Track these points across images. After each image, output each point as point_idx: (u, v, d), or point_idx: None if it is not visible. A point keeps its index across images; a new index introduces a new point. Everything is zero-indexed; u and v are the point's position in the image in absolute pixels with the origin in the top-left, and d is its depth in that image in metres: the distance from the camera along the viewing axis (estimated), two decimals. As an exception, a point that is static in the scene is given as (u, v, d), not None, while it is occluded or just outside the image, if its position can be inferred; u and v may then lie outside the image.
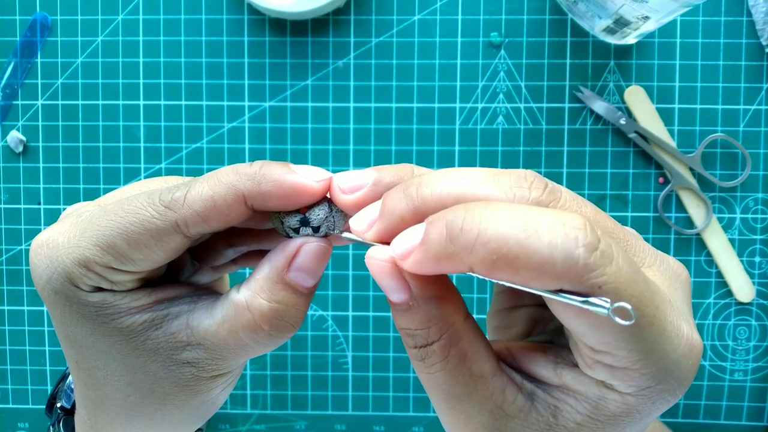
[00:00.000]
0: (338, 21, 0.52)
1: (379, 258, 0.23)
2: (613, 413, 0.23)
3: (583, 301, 0.19)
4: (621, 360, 0.21)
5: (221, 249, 0.31)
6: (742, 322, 0.52)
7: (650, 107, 0.51)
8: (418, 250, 0.22)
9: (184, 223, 0.24)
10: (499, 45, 0.51)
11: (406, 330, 0.24)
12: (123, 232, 0.24)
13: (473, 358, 0.24)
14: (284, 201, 0.25)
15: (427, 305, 0.23)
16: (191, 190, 0.24)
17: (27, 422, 0.55)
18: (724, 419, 0.52)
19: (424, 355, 0.24)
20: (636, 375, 0.22)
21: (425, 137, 0.52)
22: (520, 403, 0.24)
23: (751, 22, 0.50)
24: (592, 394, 0.23)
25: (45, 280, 0.25)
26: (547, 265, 0.19)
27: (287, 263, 0.25)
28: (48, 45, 0.52)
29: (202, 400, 0.27)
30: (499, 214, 0.20)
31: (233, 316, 0.25)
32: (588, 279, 0.19)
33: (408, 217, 0.23)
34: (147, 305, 0.26)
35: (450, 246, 0.20)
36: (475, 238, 0.20)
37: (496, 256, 0.20)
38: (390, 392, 0.54)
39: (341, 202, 0.25)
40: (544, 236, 0.19)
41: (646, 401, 0.23)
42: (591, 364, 0.22)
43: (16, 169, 0.53)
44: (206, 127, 0.52)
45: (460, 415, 0.24)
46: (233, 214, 0.25)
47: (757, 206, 0.51)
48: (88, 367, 0.27)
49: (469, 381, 0.23)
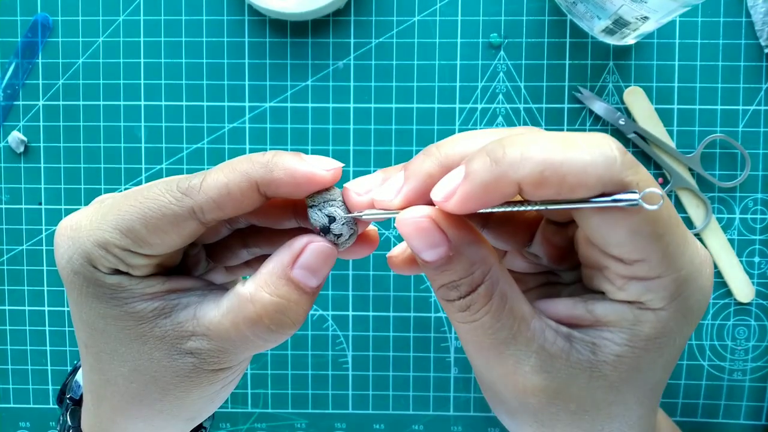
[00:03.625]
0: (338, 22, 0.52)
1: (414, 216, 0.24)
2: (650, 336, 0.24)
3: (614, 200, 0.22)
4: (654, 267, 0.23)
5: (236, 249, 0.32)
6: (742, 322, 0.52)
7: (649, 108, 0.51)
8: (464, 184, 0.22)
9: (200, 210, 0.25)
10: (498, 46, 0.51)
11: (449, 284, 0.25)
12: (142, 216, 0.25)
13: (513, 299, 0.25)
14: (295, 188, 0.26)
15: (468, 250, 0.24)
16: (207, 177, 0.26)
17: (28, 422, 0.55)
18: (722, 418, 0.53)
19: (470, 303, 0.24)
20: (668, 282, 0.23)
21: (425, 138, 0.52)
22: (560, 344, 0.25)
23: (750, 23, 0.50)
24: (626, 320, 0.24)
25: (66, 260, 0.26)
26: (591, 167, 0.21)
27: (293, 260, 0.26)
28: (49, 46, 0.53)
29: (201, 394, 0.28)
30: (535, 137, 0.22)
31: (237, 307, 0.26)
32: (627, 176, 0.21)
33: (435, 172, 0.24)
34: (160, 293, 0.27)
35: (496, 168, 0.22)
36: (521, 155, 0.21)
37: (543, 167, 0.21)
38: (390, 391, 0.54)
39: (357, 203, 0.26)
40: (582, 145, 0.21)
41: (678, 315, 0.24)
42: (623, 284, 0.24)
43: (17, 170, 0.53)
44: (207, 127, 0.53)
45: (509, 361, 0.25)
46: (247, 200, 0.26)
47: (756, 206, 0.52)
48: (97, 351, 0.28)
49: (513, 323, 0.24)
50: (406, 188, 0.25)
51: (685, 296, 0.24)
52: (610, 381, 0.24)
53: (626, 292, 0.24)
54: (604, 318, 0.24)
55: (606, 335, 0.24)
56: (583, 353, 0.24)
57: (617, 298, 0.24)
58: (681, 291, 0.23)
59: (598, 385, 0.24)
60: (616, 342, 0.24)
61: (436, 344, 0.53)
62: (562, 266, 0.30)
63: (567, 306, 0.26)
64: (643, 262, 0.23)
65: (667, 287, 0.23)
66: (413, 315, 0.53)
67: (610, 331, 0.24)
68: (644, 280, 0.23)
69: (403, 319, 0.53)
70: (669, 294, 0.23)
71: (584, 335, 0.25)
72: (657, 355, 0.24)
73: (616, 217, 0.22)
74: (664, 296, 0.23)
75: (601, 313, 0.24)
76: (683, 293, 0.23)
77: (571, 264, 0.29)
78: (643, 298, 0.23)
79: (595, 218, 0.22)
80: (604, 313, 0.24)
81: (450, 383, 0.54)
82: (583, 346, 0.24)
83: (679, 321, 0.24)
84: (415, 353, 0.53)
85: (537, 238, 0.29)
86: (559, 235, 0.28)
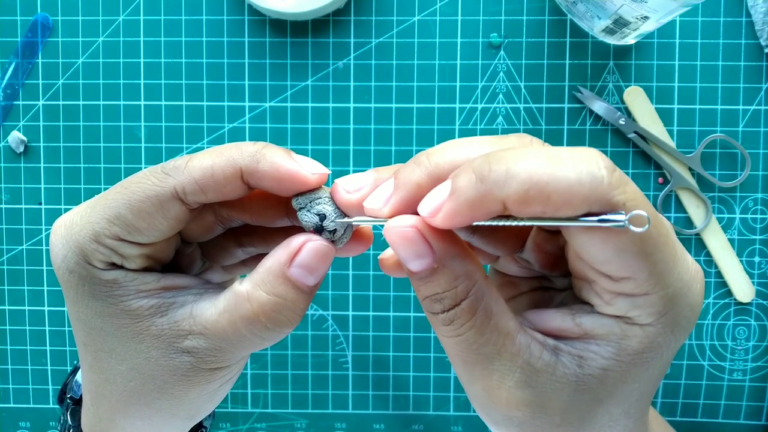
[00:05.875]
0: (338, 22, 0.52)
1: (400, 225, 0.24)
2: (636, 350, 0.24)
3: (600, 220, 0.21)
4: (641, 284, 0.22)
5: (231, 248, 0.32)
6: (742, 322, 0.52)
7: (649, 107, 0.51)
8: (450, 200, 0.22)
9: (182, 190, 0.25)
10: (498, 46, 0.51)
11: (432, 296, 0.24)
12: (127, 201, 0.25)
13: (498, 315, 0.24)
14: (278, 184, 0.26)
15: (452, 264, 0.24)
16: (193, 158, 0.26)
17: (28, 421, 0.55)
18: (722, 418, 0.53)
19: (453, 317, 0.24)
20: (655, 299, 0.23)
21: (425, 137, 0.52)
22: (546, 357, 0.24)
23: (751, 23, 0.50)
24: (614, 335, 0.24)
25: (61, 259, 0.26)
26: (576, 186, 0.21)
27: (290, 258, 0.26)
28: (49, 45, 0.53)
29: (199, 393, 0.28)
30: (521, 153, 0.22)
31: (234, 306, 0.26)
32: (614, 196, 0.21)
33: (424, 182, 0.24)
34: (155, 290, 0.27)
35: (481, 186, 0.22)
36: (506, 173, 0.21)
37: (528, 185, 0.21)
38: (390, 391, 0.54)
39: (346, 201, 0.26)
40: (568, 163, 0.21)
41: (666, 330, 0.24)
42: (610, 299, 0.23)
43: (17, 170, 0.53)
44: (207, 127, 0.53)
45: (493, 376, 0.25)
46: (229, 186, 0.26)
47: (756, 206, 0.51)
48: (95, 350, 0.28)
49: (498, 338, 0.24)
50: (394, 198, 0.25)
51: (673, 312, 0.23)
52: (596, 394, 0.24)
53: (614, 307, 0.24)
54: (591, 331, 0.24)
55: (593, 348, 0.24)
56: (569, 367, 0.24)
57: (605, 312, 0.24)
58: (669, 308, 0.23)
59: (584, 398, 0.24)
60: (603, 355, 0.24)
61: (436, 344, 0.53)
62: (554, 272, 0.29)
63: (555, 318, 0.25)
64: (630, 279, 0.22)
65: (655, 304, 0.23)
66: (413, 315, 0.53)
67: (597, 344, 0.24)
68: (631, 297, 0.23)
69: (403, 319, 0.53)
70: (656, 311, 0.23)
71: (571, 348, 0.24)
72: (643, 369, 0.24)
73: (603, 235, 0.22)
74: (651, 312, 0.23)
75: (588, 326, 0.24)
76: (671, 310, 0.23)
77: (563, 271, 0.29)
78: (630, 313, 0.23)
79: (581, 236, 0.22)
80: (592, 327, 0.24)
81: (450, 383, 0.54)
82: (569, 359, 0.24)
83: (666, 336, 0.24)
84: (415, 353, 0.53)
85: (528, 244, 0.29)
86: (551, 242, 0.28)
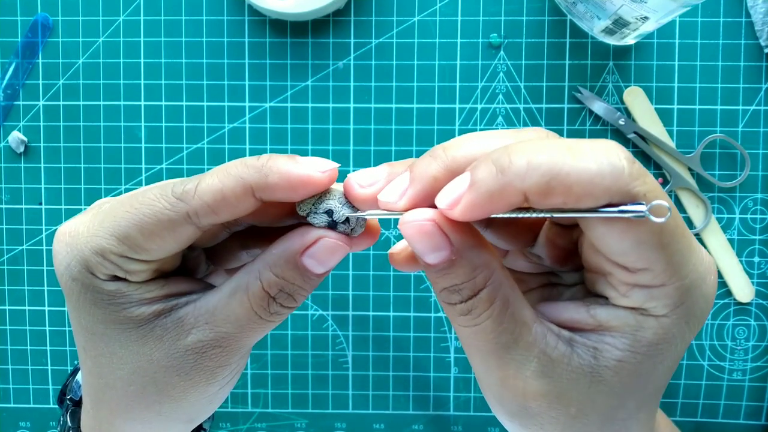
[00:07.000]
0: (338, 22, 0.52)
1: (417, 218, 0.24)
2: (651, 342, 0.24)
3: (621, 211, 0.21)
4: (658, 275, 0.23)
5: (235, 251, 0.32)
6: (741, 322, 0.52)
7: (649, 108, 0.51)
8: (469, 192, 0.22)
9: (195, 215, 0.25)
10: (498, 46, 0.51)
11: (450, 287, 0.24)
12: (137, 223, 0.25)
13: (515, 304, 0.25)
14: (291, 192, 0.26)
15: (470, 254, 0.24)
16: (201, 182, 0.25)
17: (28, 421, 0.55)
18: (722, 418, 0.53)
19: (471, 307, 0.24)
20: (671, 290, 0.23)
21: (425, 138, 0.52)
22: (561, 348, 0.25)
23: (750, 23, 0.50)
24: (629, 326, 0.24)
25: (64, 267, 0.26)
26: (598, 177, 0.21)
27: (303, 249, 0.26)
28: (49, 46, 0.53)
29: (200, 395, 0.28)
30: (541, 145, 0.22)
31: (245, 284, 0.26)
32: (634, 186, 0.21)
33: (440, 175, 0.24)
34: (159, 297, 0.27)
35: (501, 178, 0.22)
36: (527, 164, 0.21)
37: (550, 176, 0.21)
38: (390, 391, 0.54)
39: (360, 195, 0.26)
40: (589, 155, 0.21)
41: (681, 321, 0.24)
42: (626, 291, 0.24)
43: (18, 170, 0.54)
44: (207, 127, 0.53)
45: (510, 365, 0.25)
46: (242, 205, 0.25)
47: (756, 206, 0.52)
48: (96, 354, 0.28)
49: (515, 327, 0.24)
50: (411, 191, 0.25)
51: (688, 303, 0.24)
52: (611, 386, 0.24)
53: (629, 299, 0.24)
54: (606, 323, 0.24)
55: (608, 340, 0.24)
56: (585, 358, 0.24)
57: (620, 304, 0.24)
58: (684, 299, 0.23)
59: (599, 389, 0.24)
60: (618, 347, 0.24)
61: (436, 344, 0.53)
62: (564, 268, 0.30)
63: (569, 310, 0.25)
64: (647, 270, 0.23)
65: (671, 295, 0.23)
66: (413, 315, 0.53)
67: (612, 336, 0.24)
68: (648, 288, 0.23)
69: (403, 319, 0.53)
70: (672, 302, 0.23)
71: (586, 340, 0.25)
72: (658, 360, 0.24)
73: (622, 227, 0.22)
74: (667, 304, 0.23)
75: (603, 318, 0.24)
76: (686, 301, 0.23)
77: (573, 266, 0.29)
78: (646, 305, 0.23)
79: (600, 227, 0.22)
80: (607, 319, 0.24)
81: (450, 383, 0.54)
82: (584, 350, 0.24)
83: (681, 327, 0.24)
84: (415, 353, 0.53)
85: (540, 239, 0.29)
86: (564, 237, 0.28)
